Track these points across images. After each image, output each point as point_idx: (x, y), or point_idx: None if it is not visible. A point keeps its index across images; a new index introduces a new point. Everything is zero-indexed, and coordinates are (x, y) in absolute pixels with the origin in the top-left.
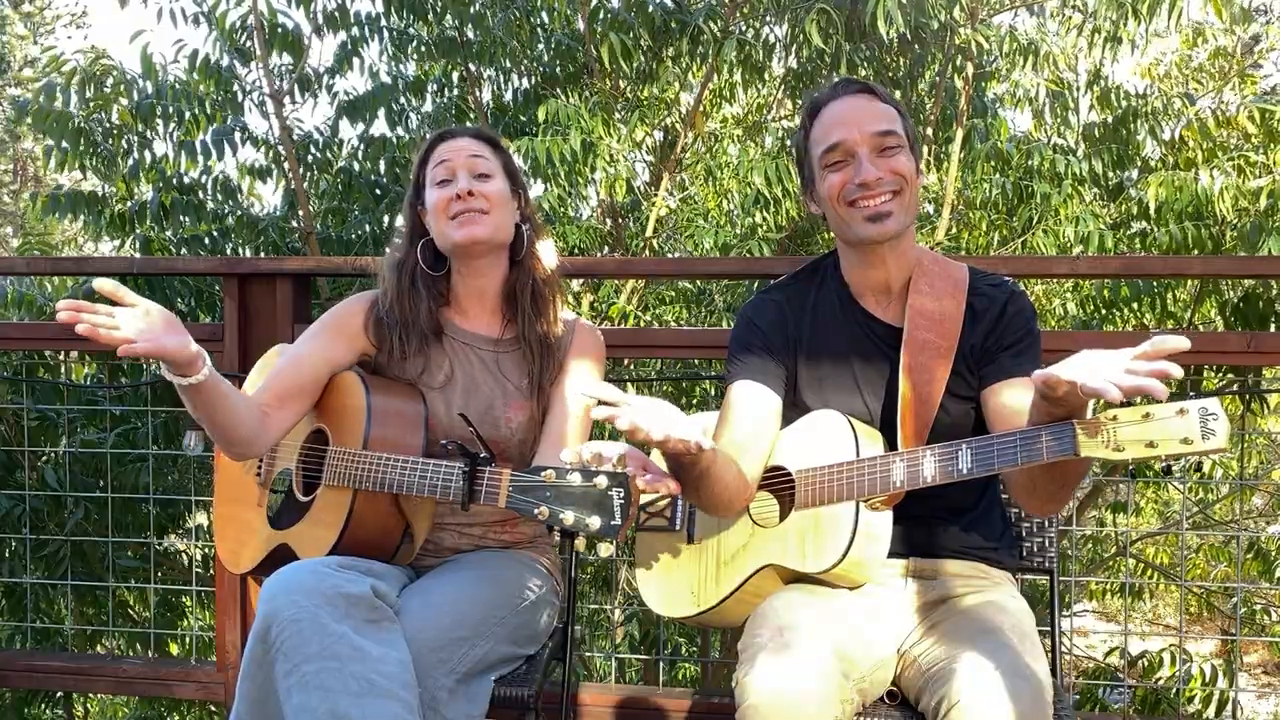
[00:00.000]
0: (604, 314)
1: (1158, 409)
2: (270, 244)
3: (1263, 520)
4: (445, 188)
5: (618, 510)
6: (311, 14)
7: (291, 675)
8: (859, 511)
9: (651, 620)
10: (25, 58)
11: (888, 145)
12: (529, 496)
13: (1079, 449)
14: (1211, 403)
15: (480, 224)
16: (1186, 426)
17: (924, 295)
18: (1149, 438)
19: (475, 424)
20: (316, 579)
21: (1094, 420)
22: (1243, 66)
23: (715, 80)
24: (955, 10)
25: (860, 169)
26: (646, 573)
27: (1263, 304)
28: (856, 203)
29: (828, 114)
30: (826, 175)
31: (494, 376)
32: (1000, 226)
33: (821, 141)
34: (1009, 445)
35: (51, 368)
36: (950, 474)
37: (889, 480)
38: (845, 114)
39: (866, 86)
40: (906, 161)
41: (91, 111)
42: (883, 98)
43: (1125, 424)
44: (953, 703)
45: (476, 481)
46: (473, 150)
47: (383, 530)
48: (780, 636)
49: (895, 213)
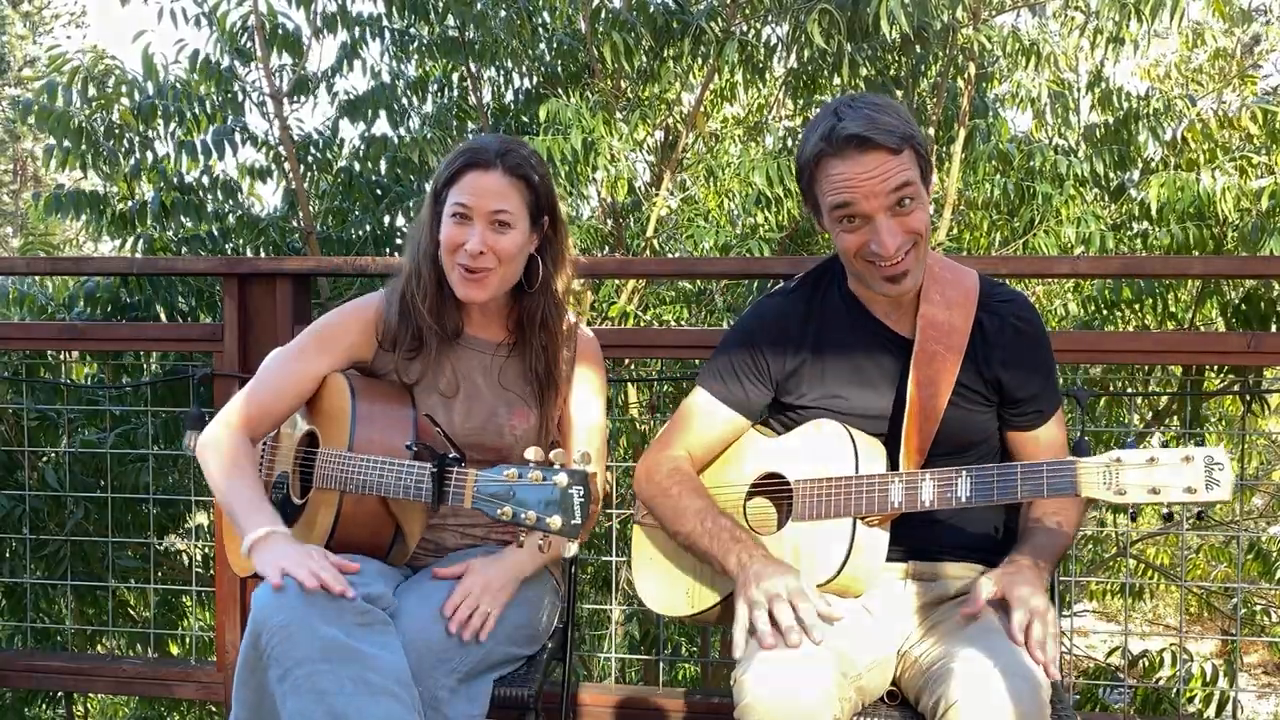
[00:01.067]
0: (604, 314)
1: (1163, 454)
2: (270, 244)
3: (1263, 520)
4: (459, 227)
5: (578, 509)
6: (312, 15)
7: (285, 680)
8: (855, 528)
9: (651, 620)
10: (25, 57)
11: (904, 199)
12: (493, 497)
13: (1080, 489)
14: (1218, 452)
15: (480, 288)
16: (1191, 475)
17: (935, 305)
18: (1152, 484)
19: (478, 433)
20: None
21: (1096, 461)
22: (1243, 68)
23: (716, 80)
24: (958, 10)
25: (878, 238)
26: (643, 570)
27: (1264, 304)
28: (875, 263)
29: (835, 173)
30: (840, 232)
31: (497, 383)
32: (1001, 227)
33: (829, 195)
34: (1009, 478)
35: (51, 368)
36: (949, 500)
37: (887, 501)
38: (854, 179)
39: (875, 143)
40: (924, 214)
41: (94, 111)
42: (893, 147)
43: (1129, 467)
44: (951, 702)
45: (445, 482)
46: (497, 200)
47: (372, 532)
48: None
49: (912, 269)
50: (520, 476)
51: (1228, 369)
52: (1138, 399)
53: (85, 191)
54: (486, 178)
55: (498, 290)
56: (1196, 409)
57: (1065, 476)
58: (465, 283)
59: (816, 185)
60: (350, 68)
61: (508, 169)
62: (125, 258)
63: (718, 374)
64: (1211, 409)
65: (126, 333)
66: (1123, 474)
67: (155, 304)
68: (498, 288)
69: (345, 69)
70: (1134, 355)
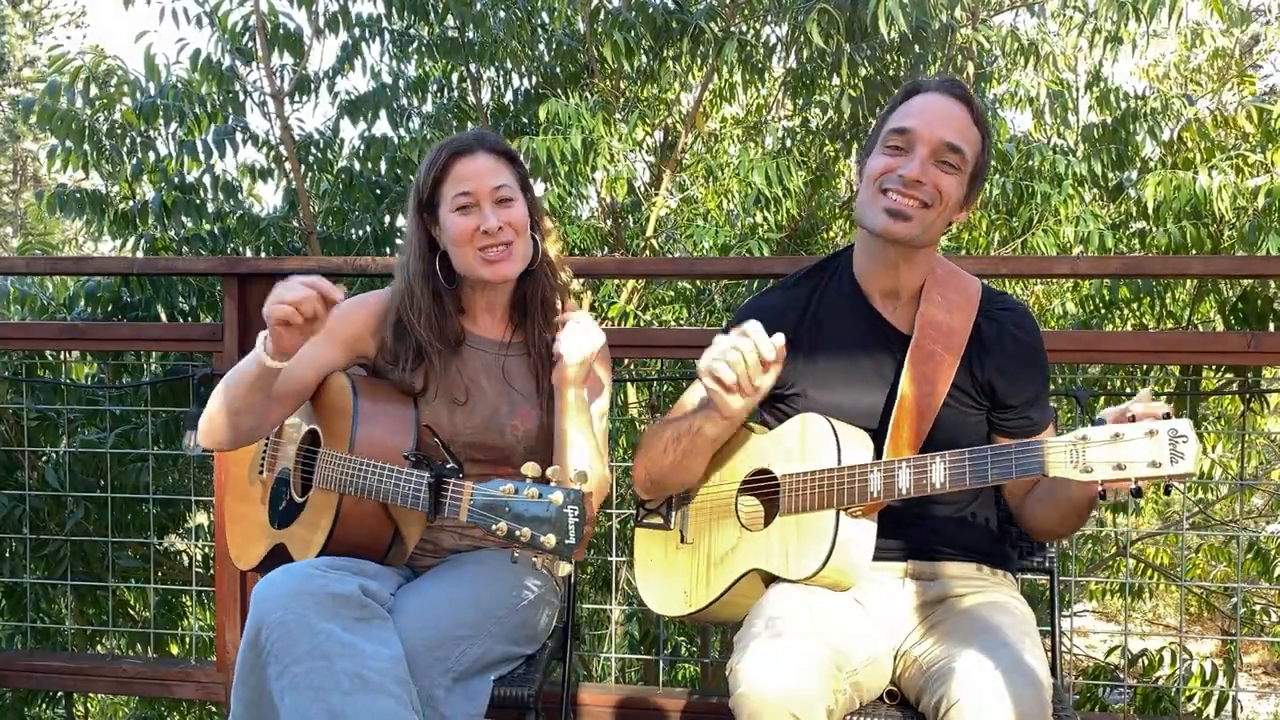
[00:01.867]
0: (604, 314)
1: (1128, 429)
2: (271, 244)
3: (1263, 520)
4: (468, 216)
5: (572, 530)
6: (313, 15)
7: (283, 678)
8: (839, 520)
9: (651, 620)
10: (25, 57)
11: (948, 160)
12: (489, 512)
13: (1046, 469)
14: (1183, 424)
15: (509, 262)
16: (1155, 449)
17: (936, 306)
18: (1117, 459)
19: (480, 432)
20: (304, 581)
21: (1062, 440)
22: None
23: (716, 80)
24: (956, 10)
25: (910, 163)
26: (644, 570)
27: (1261, 303)
28: (887, 191)
29: (919, 101)
30: (879, 155)
31: (499, 383)
32: (1000, 226)
33: (896, 121)
34: (981, 461)
35: (51, 367)
36: (924, 486)
37: (866, 490)
38: (931, 109)
39: (969, 98)
40: (956, 186)
41: (96, 111)
42: (976, 117)
43: (1095, 444)
44: (952, 701)
45: (441, 493)
46: (494, 177)
47: (370, 533)
48: (772, 627)
49: (915, 219)
50: (516, 492)
51: (1226, 368)
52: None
53: (87, 191)
54: (476, 161)
55: (522, 263)
56: (1195, 408)
57: (1033, 457)
58: (491, 264)
59: (890, 115)
60: (351, 68)
61: (490, 149)
62: (126, 258)
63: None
64: (1211, 408)
65: (127, 333)
66: (1089, 451)
67: (156, 304)
68: (522, 260)
69: (346, 69)
70: (1134, 355)
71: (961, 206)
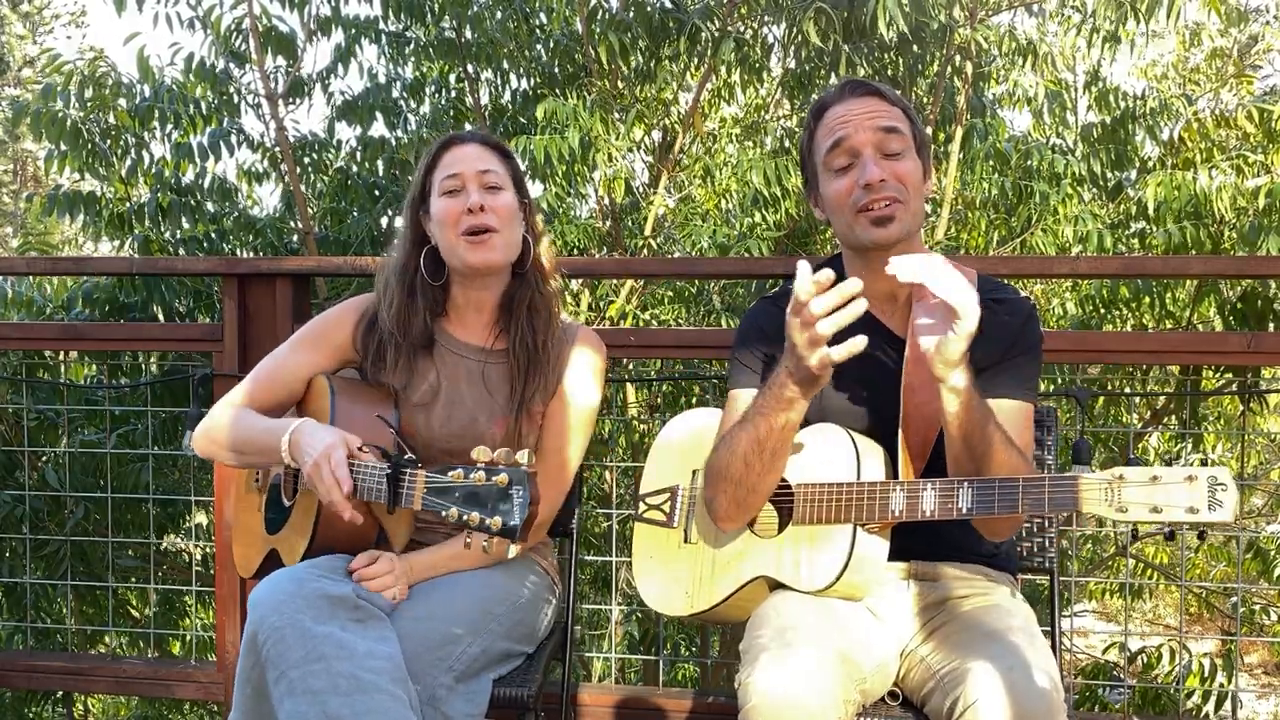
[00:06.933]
0: (603, 314)
1: (1166, 472)
2: (268, 245)
3: (1262, 520)
4: (454, 199)
5: (516, 510)
6: (305, 18)
7: (280, 682)
8: (855, 535)
9: (651, 620)
10: (24, 57)
11: (892, 147)
12: (441, 498)
13: (1080, 505)
14: (1222, 472)
15: (493, 248)
16: (1193, 495)
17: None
18: (1154, 502)
19: (457, 438)
20: (298, 584)
21: (1098, 476)
22: (1241, 68)
23: (713, 80)
24: (955, 10)
25: (865, 170)
26: (644, 567)
27: (1260, 303)
28: (861, 207)
29: (832, 115)
30: (832, 180)
31: (480, 389)
32: (999, 226)
33: (825, 141)
34: (1011, 491)
35: (51, 368)
36: (950, 511)
37: (887, 508)
38: (849, 114)
39: (873, 88)
40: (912, 167)
41: (89, 112)
42: (890, 99)
43: (1131, 485)
44: (970, 701)
45: (399, 484)
46: (483, 162)
47: (352, 534)
48: (782, 637)
49: (898, 217)
50: (466, 476)
51: (1226, 368)
52: (1136, 398)
53: (82, 193)
54: (466, 148)
55: (505, 256)
56: (1195, 408)
57: (1067, 492)
58: (473, 248)
59: (814, 142)
60: (345, 69)
61: (482, 141)
62: (125, 258)
63: (742, 368)
64: (1210, 408)
65: (126, 333)
66: (1125, 491)
67: (153, 305)
68: (504, 252)
69: (341, 70)
70: (1134, 355)
71: (925, 179)
